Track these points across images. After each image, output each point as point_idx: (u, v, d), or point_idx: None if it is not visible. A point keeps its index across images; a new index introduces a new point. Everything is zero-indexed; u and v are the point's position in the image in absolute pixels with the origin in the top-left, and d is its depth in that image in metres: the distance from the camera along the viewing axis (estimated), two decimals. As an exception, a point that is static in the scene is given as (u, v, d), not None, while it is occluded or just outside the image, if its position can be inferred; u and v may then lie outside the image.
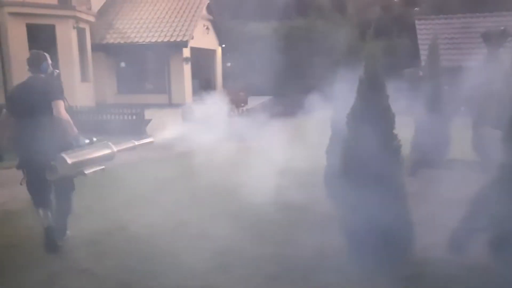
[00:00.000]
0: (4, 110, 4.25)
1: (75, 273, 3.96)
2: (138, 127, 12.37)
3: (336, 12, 26.42)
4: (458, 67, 9.50)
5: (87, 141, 4.01)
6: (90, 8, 17.18)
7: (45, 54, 4.32)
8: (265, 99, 18.27)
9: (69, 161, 3.67)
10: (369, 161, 3.87)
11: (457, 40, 16.32)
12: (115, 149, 4.05)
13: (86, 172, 3.85)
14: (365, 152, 3.88)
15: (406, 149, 4.61)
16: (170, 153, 8.47)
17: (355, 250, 3.97)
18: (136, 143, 4.31)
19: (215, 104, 12.44)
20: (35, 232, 4.61)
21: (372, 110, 3.93)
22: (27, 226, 4.98)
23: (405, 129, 4.60)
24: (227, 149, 6.84)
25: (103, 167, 3.99)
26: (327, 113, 8.74)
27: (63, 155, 3.68)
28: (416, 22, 18.05)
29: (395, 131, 3.96)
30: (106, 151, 4.00)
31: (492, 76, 7.11)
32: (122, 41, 17.56)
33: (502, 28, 6.69)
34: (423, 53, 16.18)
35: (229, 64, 22.19)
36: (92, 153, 3.93)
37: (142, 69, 18.94)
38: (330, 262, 4.04)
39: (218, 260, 4.13)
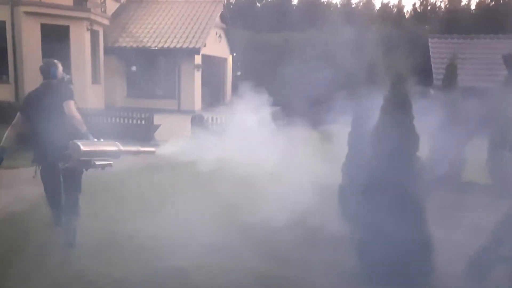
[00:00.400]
0: (18, 113, 4.62)
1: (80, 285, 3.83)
2: (147, 132, 12.30)
3: (347, 26, 26.44)
4: (470, 88, 9.43)
5: (95, 140, 4.27)
6: (104, 11, 17.24)
7: (56, 61, 4.66)
8: (273, 109, 18.16)
9: (82, 147, 3.92)
10: (390, 182, 3.75)
11: (470, 61, 16.20)
12: (122, 148, 4.25)
13: (97, 163, 4.06)
14: (387, 173, 3.77)
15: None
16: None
17: (372, 273, 3.83)
18: (141, 149, 4.45)
19: (225, 113, 12.42)
20: (39, 237, 4.50)
21: (397, 130, 3.82)
22: (31, 230, 4.88)
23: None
24: (237, 161, 6.72)
25: (111, 163, 4.17)
26: (337, 127, 8.64)
27: (77, 141, 3.94)
28: (430, 40, 17.98)
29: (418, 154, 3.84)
30: (114, 148, 4.21)
31: (512, 100, 7.01)
32: (134, 45, 17.57)
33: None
34: (436, 72, 16.08)
35: (239, 73, 22.16)
36: (102, 146, 4.19)
37: (152, 74, 18.93)
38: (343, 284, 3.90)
39: (227, 278, 4.00)
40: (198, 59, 17.65)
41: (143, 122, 12.64)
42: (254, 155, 7.21)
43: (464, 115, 7.91)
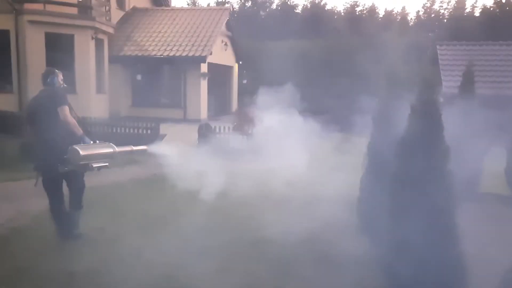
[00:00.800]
0: None
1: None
2: (153, 141, 12.06)
3: (353, 34, 26.34)
4: (481, 95, 9.17)
5: (91, 142, 4.51)
6: (109, 19, 17.12)
7: (56, 70, 4.87)
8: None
9: (81, 152, 4.15)
10: (419, 197, 3.49)
11: (480, 68, 15.92)
12: (117, 149, 4.49)
13: (94, 166, 4.31)
14: (416, 188, 3.51)
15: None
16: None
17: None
18: (134, 148, 4.76)
19: (231, 122, 12.20)
20: (42, 254, 4.26)
21: (425, 141, 3.57)
22: (34, 247, 4.64)
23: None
24: (246, 173, 6.50)
25: (107, 164, 4.44)
26: (348, 135, 8.40)
27: (76, 147, 4.17)
28: (438, 47, 17.72)
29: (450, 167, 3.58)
30: (110, 150, 4.46)
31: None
32: (139, 54, 17.41)
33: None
34: (445, 79, 15.82)
35: (245, 81, 21.97)
36: (99, 149, 4.43)
37: (158, 83, 18.77)
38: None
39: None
40: (204, 68, 17.47)
41: (149, 131, 12.44)
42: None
43: (483, 123, 7.64)
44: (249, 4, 34.31)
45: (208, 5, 32.58)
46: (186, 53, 17.09)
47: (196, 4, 36.34)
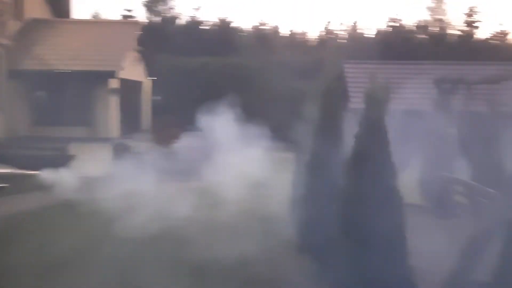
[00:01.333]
0: None
1: None
2: (61, 164, 11.04)
3: (263, 51, 26.96)
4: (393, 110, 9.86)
5: None
6: (6, 31, 15.60)
7: None
8: (197, 135, 17.62)
9: None
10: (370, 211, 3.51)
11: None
12: None
13: None
14: (366, 209, 3.52)
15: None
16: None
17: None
18: (18, 171, 4.56)
19: (148, 141, 11.67)
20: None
21: (373, 158, 3.61)
22: None
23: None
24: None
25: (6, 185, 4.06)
26: (268, 151, 8.46)
27: None
28: (344, 65, 18.74)
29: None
30: None
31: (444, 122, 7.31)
32: (41, 68, 16.05)
33: (457, 77, 6.93)
34: (352, 95, 16.73)
35: (158, 98, 21.34)
36: None
37: (63, 99, 17.38)
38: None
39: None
40: (114, 83, 16.61)
41: (56, 152, 11.45)
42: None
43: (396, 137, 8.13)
44: (156, 19, 33.67)
45: (117, 18, 31.30)
46: (95, 68, 16.10)
47: (99, 17, 34.83)
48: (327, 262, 3.95)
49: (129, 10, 31.02)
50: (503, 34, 28.90)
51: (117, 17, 33.10)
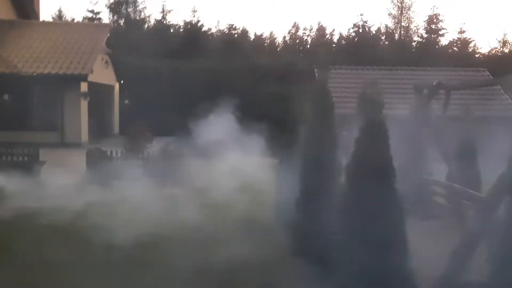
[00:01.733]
0: None
1: None
2: (30, 170, 10.62)
3: (233, 56, 26.93)
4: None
5: None
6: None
7: None
8: (169, 139, 17.39)
9: None
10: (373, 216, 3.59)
11: (353, 90, 17.48)
12: None
13: None
14: (365, 212, 3.60)
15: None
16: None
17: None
18: None
19: (121, 146, 11.39)
20: None
21: (375, 161, 3.69)
22: None
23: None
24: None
25: None
26: (238, 156, 8.52)
27: None
28: (316, 70, 19.02)
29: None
30: None
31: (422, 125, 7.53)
32: (6, 71, 15.42)
33: (436, 81, 7.15)
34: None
35: (127, 102, 20.95)
36: None
37: (29, 104, 16.75)
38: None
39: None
40: (84, 87, 16.19)
41: (25, 158, 11.02)
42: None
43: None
44: (122, 22, 33.04)
45: (84, 19, 30.48)
46: (63, 71, 15.65)
47: (63, 19, 33.82)
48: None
49: (96, 13, 30.22)
50: (465, 42, 30.02)
51: (78, 19, 32.40)
